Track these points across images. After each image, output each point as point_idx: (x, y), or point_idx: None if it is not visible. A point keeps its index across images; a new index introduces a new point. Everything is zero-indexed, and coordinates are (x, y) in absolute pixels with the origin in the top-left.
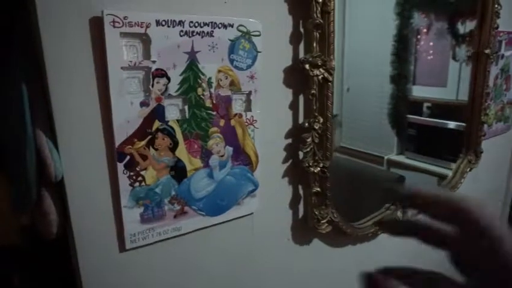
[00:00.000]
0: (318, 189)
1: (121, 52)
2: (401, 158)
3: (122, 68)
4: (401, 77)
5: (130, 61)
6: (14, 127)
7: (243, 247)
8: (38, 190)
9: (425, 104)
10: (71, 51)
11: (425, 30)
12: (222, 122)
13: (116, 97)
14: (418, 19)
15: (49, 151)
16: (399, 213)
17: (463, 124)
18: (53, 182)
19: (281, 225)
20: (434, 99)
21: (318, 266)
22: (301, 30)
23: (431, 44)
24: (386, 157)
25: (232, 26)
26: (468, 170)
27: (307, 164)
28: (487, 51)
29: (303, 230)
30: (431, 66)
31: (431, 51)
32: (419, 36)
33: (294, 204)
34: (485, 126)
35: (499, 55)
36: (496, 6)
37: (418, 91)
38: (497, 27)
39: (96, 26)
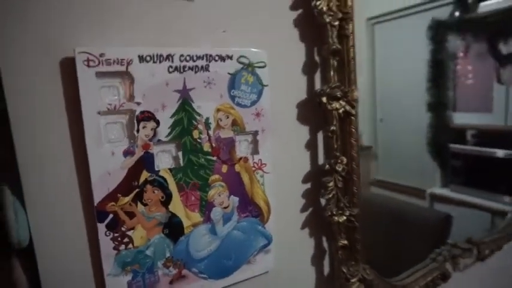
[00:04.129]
0: (345, 242)
1: (98, 95)
2: (446, 192)
3: (99, 112)
4: (439, 104)
5: (110, 104)
6: None
7: None
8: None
9: (470, 132)
10: (38, 99)
11: (462, 53)
12: (224, 168)
13: (93, 146)
14: (454, 42)
15: (14, 212)
16: (448, 266)
17: None
18: (15, 250)
19: (303, 284)
20: (479, 126)
21: None
22: (317, 58)
23: (470, 67)
24: (428, 191)
25: (231, 57)
26: None
27: (330, 213)
28: None
29: None
30: (473, 90)
31: (471, 75)
32: (457, 60)
33: (317, 260)
34: None
35: None
36: None
37: (460, 118)
38: None
39: (69, 67)
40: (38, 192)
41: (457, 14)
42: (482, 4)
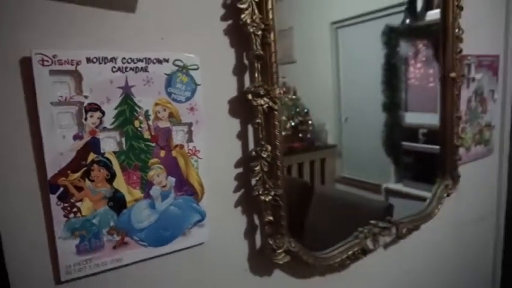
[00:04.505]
0: (271, 218)
1: (51, 89)
2: (399, 186)
3: (51, 103)
4: (392, 104)
5: (61, 96)
6: None
7: (195, 278)
8: None
9: (421, 131)
10: (0, 91)
11: (413, 57)
12: (162, 153)
13: (46, 131)
14: (405, 47)
15: None
16: (368, 242)
17: None
18: None
19: (237, 255)
20: (427, 125)
21: None
22: (246, 61)
23: (420, 70)
24: (384, 186)
25: (167, 61)
26: (445, 195)
27: (257, 193)
28: (452, 75)
29: (262, 261)
30: (422, 92)
31: (420, 78)
32: (407, 64)
33: (250, 234)
34: (463, 149)
35: (469, 78)
36: (457, 30)
37: (411, 118)
38: (460, 51)
39: (27, 65)
40: (0, 169)
41: (407, 21)
42: (429, 13)
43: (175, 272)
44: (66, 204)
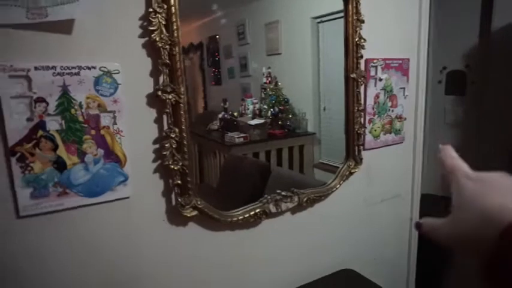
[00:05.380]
0: (179, 181)
1: (11, 87)
2: None
3: (11, 97)
4: None
5: (18, 92)
6: None
7: (124, 222)
8: None
9: None
10: None
11: None
12: (93, 132)
13: (8, 116)
14: None
15: None
16: (271, 206)
17: None
18: None
19: (157, 209)
20: None
21: (195, 246)
22: (160, 67)
23: None
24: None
25: (95, 68)
26: (347, 173)
27: (167, 163)
28: (353, 75)
29: (177, 214)
30: None
31: None
32: None
33: (167, 194)
34: (371, 137)
35: (376, 78)
36: (357, 39)
37: None
38: (361, 56)
39: None
40: None
41: None
42: None
43: (108, 217)
44: (22, 164)
